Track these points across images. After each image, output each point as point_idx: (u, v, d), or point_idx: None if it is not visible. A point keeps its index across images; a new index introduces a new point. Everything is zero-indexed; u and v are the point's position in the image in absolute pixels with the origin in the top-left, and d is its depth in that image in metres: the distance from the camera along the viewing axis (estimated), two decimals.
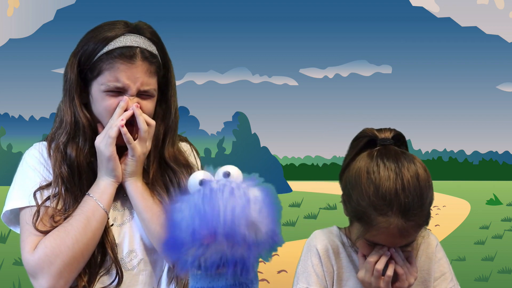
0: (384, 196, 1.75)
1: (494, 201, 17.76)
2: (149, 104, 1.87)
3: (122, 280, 1.86)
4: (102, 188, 1.85)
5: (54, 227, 1.83)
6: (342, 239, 1.95)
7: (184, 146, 2.02)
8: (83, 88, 1.91)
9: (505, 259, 9.18)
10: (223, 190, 1.45)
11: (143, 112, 1.86)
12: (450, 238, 11.25)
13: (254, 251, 1.47)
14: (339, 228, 1.97)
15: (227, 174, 1.48)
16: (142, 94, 1.86)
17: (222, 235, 1.43)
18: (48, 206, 1.85)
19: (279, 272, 7.77)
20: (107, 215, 1.85)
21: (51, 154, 1.90)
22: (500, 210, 15.97)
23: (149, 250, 1.90)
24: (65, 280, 1.80)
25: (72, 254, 1.79)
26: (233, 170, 1.50)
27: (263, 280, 7.38)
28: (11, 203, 1.87)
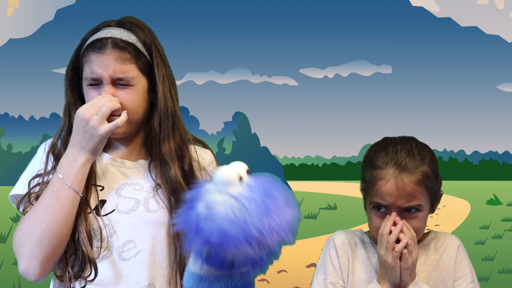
0: (382, 155, 1.99)
1: (494, 201, 17.75)
2: (128, 94, 1.89)
3: (96, 274, 1.85)
4: (79, 166, 1.84)
5: None
6: (363, 238, 2.06)
7: (208, 155, 2.03)
8: (80, 88, 1.96)
9: (505, 259, 9.19)
10: (277, 191, 1.53)
11: (121, 102, 1.87)
12: None
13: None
14: (363, 231, 2.08)
15: (248, 171, 1.56)
16: (118, 83, 1.88)
17: (280, 234, 1.49)
18: (38, 191, 1.88)
19: (279, 272, 7.77)
20: (79, 195, 1.85)
21: (49, 150, 1.94)
22: (500, 210, 15.96)
23: (150, 243, 1.89)
24: (38, 260, 1.82)
25: (40, 234, 1.80)
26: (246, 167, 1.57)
27: (263, 280, 7.39)
28: (15, 189, 1.94)
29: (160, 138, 1.93)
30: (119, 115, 1.86)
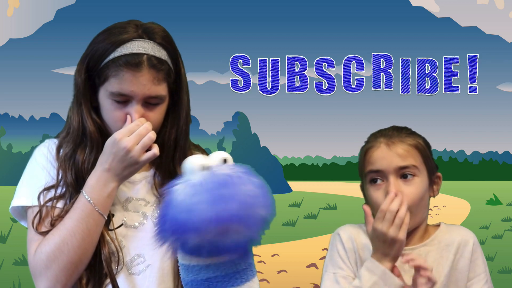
0: (374, 134, 2.02)
1: (494, 201, 17.72)
2: (156, 114, 1.85)
3: None
4: (109, 192, 1.81)
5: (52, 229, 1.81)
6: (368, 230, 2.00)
7: None
8: (93, 93, 1.88)
9: (505, 259, 9.19)
10: (239, 177, 1.45)
11: (151, 121, 1.83)
12: None
13: (257, 234, 1.49)
14: None
15: (224, 161, 1.51)
16: (149, 102, 1.83)
17: (240, 220, 1.44)
18: (50, 206, 1.84)
19: (279, 272, 7.77)
20: (104, 218, 1.82)
21: (58, 160, 1.88)
22: (500, 210, 15.94)
23: (158, 257, 1.88)
24: (62, 283, 1.80)
25: (68, 259, 1.78)
26: (228, 156, 1.52)
27: (263, 280, 7.39)
28: (18, 200, 1.88)
29: (175, 155, 1.91)
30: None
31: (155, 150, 1.81)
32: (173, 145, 1.91)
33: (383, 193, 1.92)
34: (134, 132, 1.79)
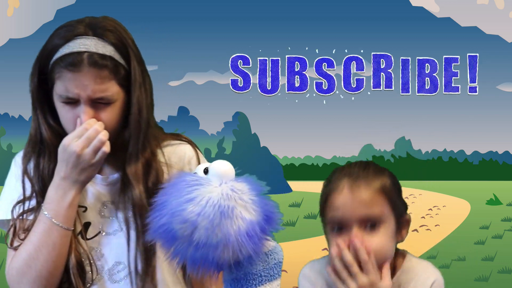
0: (337, 172, 1.80)
1: (494, 201, 17.70)
2: (109, 114, 1.74)
3: None
4: (70, 201, 1.73)
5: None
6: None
7: (188, 151, 1.88)
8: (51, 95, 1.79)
9: (505, 259, 9.18)
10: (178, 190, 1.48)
11: (103, 122, 1.73)
12: (450, 238, 11.26)
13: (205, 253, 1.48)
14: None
15: (205, 171, 1.51)
16: (98, 102, 1.73)
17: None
18: (22, 219, 1.79)
19: None
20: (69, 230, 1.76)
21: (25, 170, 1.82)
22: (500, 210, 15.92)
23: (140, 263, 1.80)
24: None
25: (36, 274, 1.74)
26: (216, 169, 1.51)
27: None
28: None
29: (127, 156, 1.78)
30: None
31: (105, 148, 1.71)
32: (125, 147, 1.79)
33: (344, 242, 1.74)
34: (83, 136, 1.70)
